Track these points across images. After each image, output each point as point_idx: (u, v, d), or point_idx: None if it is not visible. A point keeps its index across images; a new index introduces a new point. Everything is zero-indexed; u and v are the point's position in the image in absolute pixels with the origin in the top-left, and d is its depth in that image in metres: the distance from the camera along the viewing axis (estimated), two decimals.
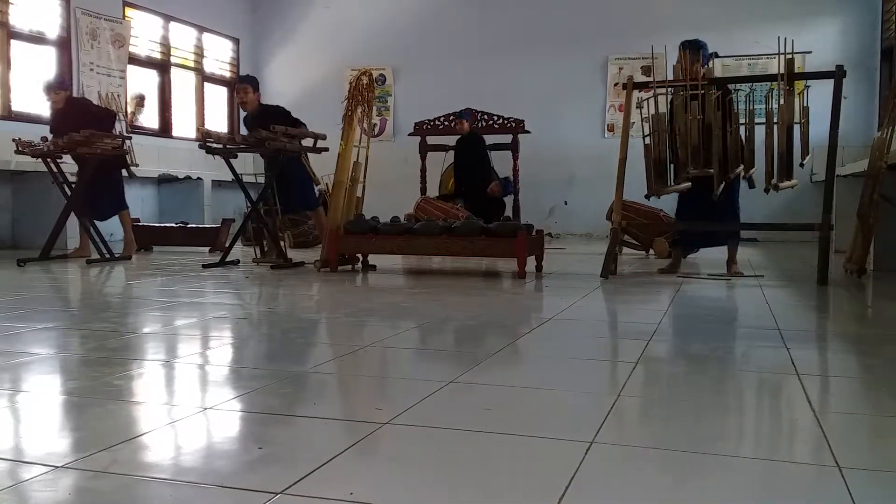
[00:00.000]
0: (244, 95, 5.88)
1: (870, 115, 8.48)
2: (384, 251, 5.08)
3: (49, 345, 2.56)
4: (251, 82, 5.97)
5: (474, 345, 2.67)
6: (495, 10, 9.67)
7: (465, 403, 1.82)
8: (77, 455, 1.40)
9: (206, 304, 3.62)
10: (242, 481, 1.29)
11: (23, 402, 1.82)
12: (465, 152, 8.24)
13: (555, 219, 9.50)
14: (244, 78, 6.07)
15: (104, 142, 5.65)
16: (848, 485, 1.27)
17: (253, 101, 5.91)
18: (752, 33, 8.48)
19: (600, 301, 3.78)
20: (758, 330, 2.90)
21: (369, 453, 1.46)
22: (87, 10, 8.07)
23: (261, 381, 2.02)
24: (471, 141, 8.23)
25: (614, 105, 9.32)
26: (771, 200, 5.93)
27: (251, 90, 5.89)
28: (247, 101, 5.88)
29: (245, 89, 5.88)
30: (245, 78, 6.08)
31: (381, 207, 6.73)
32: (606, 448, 1.47)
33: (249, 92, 5.88)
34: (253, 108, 5.91)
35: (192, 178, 8.73)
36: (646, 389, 2.02)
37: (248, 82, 5.96)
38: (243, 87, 5.91)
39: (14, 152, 5.71)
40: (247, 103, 5.90)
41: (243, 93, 5.88)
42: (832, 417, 1.72)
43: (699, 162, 4.52)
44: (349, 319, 3.17)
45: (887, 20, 8.21)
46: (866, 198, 4.63)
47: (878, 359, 2.40)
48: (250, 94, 5.88)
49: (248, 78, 6.06)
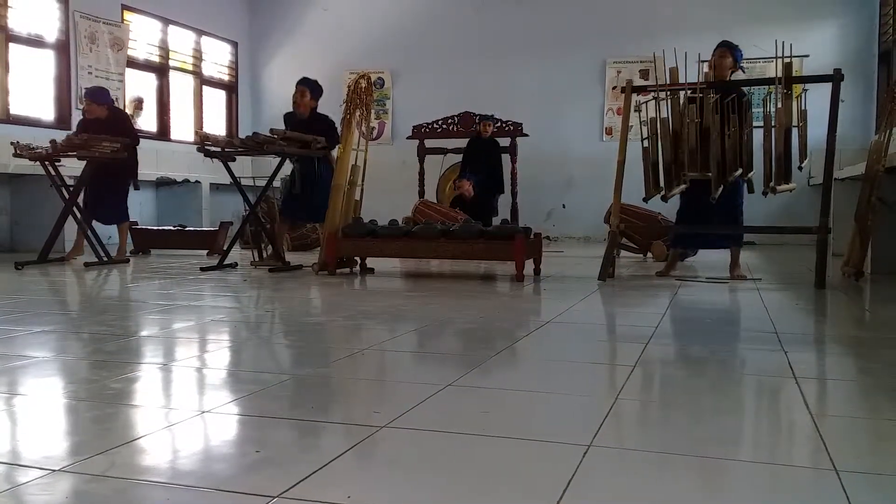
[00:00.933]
0: (301, 97, 5.77)
1: (867, 119, 8.50)
2: (382, 254, 5.08)
3: (47, 348, 2.55)
4: (310, 86, 5.83)
5: (472, 348, 2.66)
6: (493, 13, 9.68)
7: (462, 407, 1.82)
8: (74, 458, 1.40)
9: (204, 307, 3.61)
10: (240, 485, 1.28)
11: (20, 406, 1.82)
12: (484, 155, 8.30)
13: (553, 222, 9.51)
14: (306, 80, 5.91)
15: (102, 146, 5.65)
16: (845, 488, 1.27)
17: (308, 104, 5.78)
18: (750, 37, 8.47)
19: (598, 304, 3.78)
20: (755, 333, 2.90)
21: (367, 457, 1.46)
22: (85, 14, 8.08)
23: (258, 384, 2.01)
24: (492, 145, 8.38)
25: (612, 108, 9.34)
26: (769, 204, 5.94)
27: (308, 93, 5.77)
28: (301, 103, 5.77)
29: (303, 91, 5.78)
30: (307, 81, 5.92)
31: (379, 210, 6.74)
32: (604, 451, 1.47)
33: (307, 95, 5.77)
34: (304, 111, 5.78)
35: (191, 181, 8.73)
36: (643, 393, 2.02)
37: (308, 86, 5.83)
38: (302, 88, 5.80)
39: (12, 155, 5.71)
40: (300, 105, 5.78)
41: (300, 94, 5.78)
42: (830, 421, 1.73)
43: (697, 165, 4.52)
44: (347, 322, 3.17)
45: (884, 24, 8.23)
46: (864, 201, 4.63)
47: (875, 362, 2.40)
48: (307, 98, 5.77)
49: (310, 82, 5.91)
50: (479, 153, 8.35)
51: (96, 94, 6.37)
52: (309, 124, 5.59)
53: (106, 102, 6.33)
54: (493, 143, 8.43)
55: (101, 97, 6.34)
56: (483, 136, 8.36)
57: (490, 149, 8.39)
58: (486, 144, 8.38)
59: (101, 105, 6.24)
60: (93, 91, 6.46)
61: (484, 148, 8.36)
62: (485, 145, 8.37)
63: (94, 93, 6.38)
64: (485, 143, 8.37)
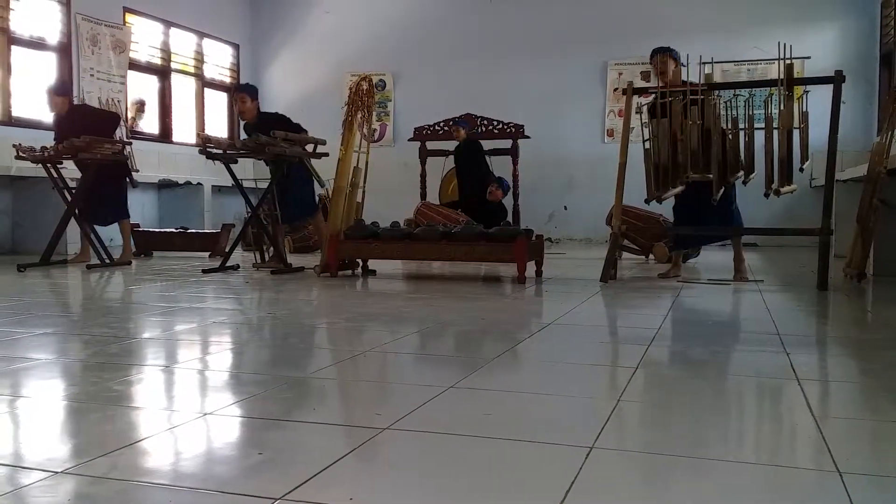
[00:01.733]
0: (242, 105, 5.74)
1: (869, 120, 8.50)
2: (384, 256, 5.08)
3: (49, 350, 2.56)
4: (248, 91, 5.82)
5: (474, 350, 2.67)
6: (495, 15, 9.69)
7: (464, 409, 1.82)
8: (77, 460, 1.40)
9: (206, 309, 3.62)
10: (242, 487, 1.28)
11: (22, 408, 1.82)
12: (463, 160, 8.30)
13: (554, 224, 9.51)
14: (241, 87, 5.94)
15: (104, 147, 5.66)
16: (848, 490, 1.27)
17: (251, 109, 5.76)
18: (752, 39, 8.50)
19: (600, 306, 3.78)
20: (757, 335, 2.90)
21: (369, 458, 1.46)
22: (87, 16, 8.09)
23: (260, 386, 2.02)
24: (467, 148, 8.28)
25: (614, 110, 9.34)
26: (771, 205, 5.92)
27: (248, 99, 5.75)
28: (245, 109, 5.75)
29: (242, 98, 5.75)
30: (242, 87, 5.92)
31: (381, 212, 6.74)
32: (606, 453, 1.47)
33: (247, 101, 5.74)
34: (252, 117, 5.76)
35: (193, 183, 8.74)
36: (646, 394, 2.01)
37: (245, 91, 5.81)
38: (240, 95, 5.77)
39: (14, 157, 5.72)
40: (245, 112, 5.76)
41: (241, 102, 5.75)
42: (832, 422, 1.72)
43: (698, 166, 4.52)
44: (349, 324, 3.17)
45: (886, 25, 8.23)
46: (866, 202, 4.63)
47: (878, 363, 2.40)
48: (248, 103, 5.74)
49: (245, 87, 5.92)
50: (458, 159, 8.36)
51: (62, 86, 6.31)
52: (264, 127, 5.46)
53: (66, 94, 6.23)
54: (469, 144, 8.29)
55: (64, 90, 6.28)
56: (459, 141, 8.31)
57: (468, 150, 8.27)
58: (464, 148, 8.29)
59: (62, 97, 6.11)
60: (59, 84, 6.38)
61: (464, 152, 8.29)
62: (464, 149, 8.29)
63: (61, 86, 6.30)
64: (464, 147, 8.30)
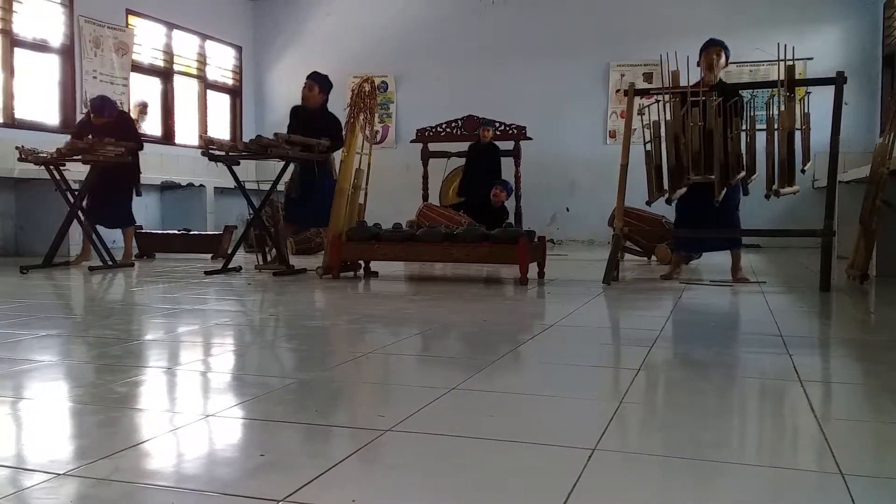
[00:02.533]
0: (309, 91, 5.86)
1: (871, 121, 8.49)
2: (386, 258, 5.08)
3: (52, 352, 2.56)
4: (318, 81, 5.91)
5: (476, 351, 2.66)
6: (497, 17, 9.69)
7: (467, 410, 1.82)
8: (79, 462, 1.40)
9: (209, 310, 3.62)
10: (244, 488, 1.29)
11: (25, 410, 1.83)
12: (485, 160, 8.35)
13: (557, 225, 9.51)
14: (315, 74, 6.01)
15: (107, 149, 5.66)
16: (851, 492, 1.27)
17: (316, 98, 5.86)
18: (753, 40, 8.49)
19: (602, 307, 3.78)
20: (760, 336, 2.90)
21: (371, 460, 1.46)
22: (90, 18, 8.10)
23: (263, 387, 2.02)
24: (492, 150, 8.40)
25: (616, 111, 9.34)
26: (773, 207, 5.93)
27: (317, 88, 5.85)
28: (308, 96, 5.87)
29: (310, 85, 5.87)
30: (315, 75, 6.00)
31: (383, 214, 6.74)
32: (609, 455, 1.47)
33: (315, 88, 5.85)
34: (314, 105, 5.86)
35: (195, 185, 8.75)
36: (648, 396, 2.01)
37: (316, 80, 5.91)
38: (310, 82, 5.89)
39: (17, 160, 5.73)
40: (308, 98, 5.88)
41: (308, 88, 5.87)
42: (835, 424, 1.72)
43: (700, 168, 4.52)
44: (351, 326, 3.17)
45: (888, 26, 8.22)
46: (868, 203, 4.63)
47: (881, 365, 2.39)
48: (315, 91, 5.85)
49: (318, 77, 5.98)
50: (480, 158, 8.40)
51: (100, 108, 6.22)
52: (316, 119, 5.63)
53: (111, 115, 6.26)
54: (493, 147, 8.48)
55: (105, 110, 6.24)
56: (483, 142, 8.40)
57: (491, 153, 8.44)
58: (487, 149, 8.42)
59: (105, 117, 6.19)
60: (97, 106, 6.25)
61: (485, 153, 8.40)
62: (485, 150, 8.41)
63: (99, 107, 6.23)
64: (485, 148, 8.41)
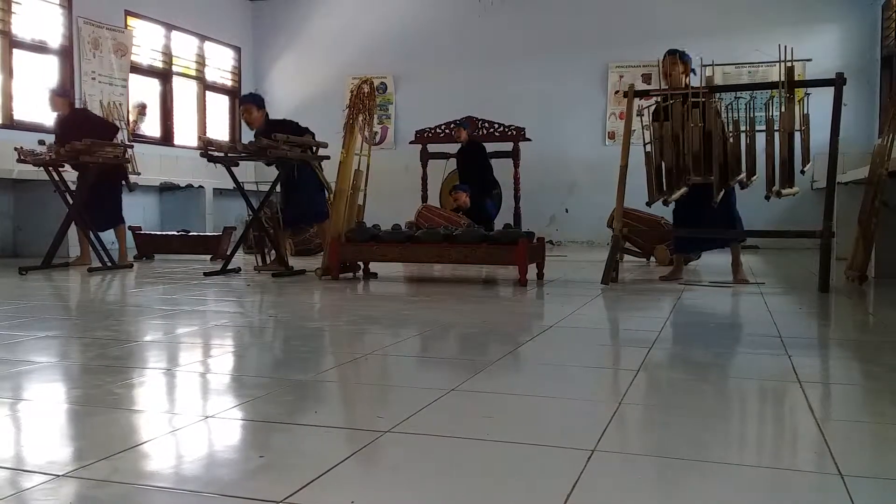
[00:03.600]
0: (248, 115, 5.81)
1: (870, 123, 8.50)
2: (385, 259, 5.08)
3: (51, 353, 2.56)
4: (253, 100, 5.86)
5: (476, 353, 2.66)
6: (496, 18, 9.69)
7: (466, 411, 1.82)
8: (78, 464, 1.40)
9: (208, 312, 3.62)
10: (243, 490, 1.28)
11: (24, 411, 1.82)
12: (465, 161, 8.33)
13: (556, 226, 9.51)
14: (245, 98, 5.97)
15: (105, 150, 5.66)
16: (850, 493, 1.27)
17: (258, 118, 5.81)
18: (753, 41, 8.50)
19: (601, 309, 3.78)
20: (759, 337, 2.90)
21: (371, 462, 1.46)
22: (89, 20, 8.10)
23: (262, 389, 2.02)
24: (469, 150, 8.32)
25: (615, 113, 9.34)
26: (772, 208, 5.93)
27: (254, 108, 5.80)
28: (251, 120, 5.81)
29: (248, 108, 5.81)
30: (246, 98, 5.95)
31: (382, 215, 6.74)
32: (608, 456, 1.47)
33: (253, 111, 5.80)
34: (260, 126, 5.80)
35: (194, 186, 8.75)
36: (647, 397, 2.01)
37: (251, 101, 5.86)
38: (246, 106, 5.83)
39: (16, 161, 5.73)
40: (252, 122, 5.82)
41: (246, 112, 5.81)
42: (834, 425, 1.72)
43: (700, 169, 4.52)
44: (350, 327, 3.17)
45: (887, 28, 8.23)
46: (867, 205, 4.63)
47: (880, 366, 2.39)
48: (254, 113, 5.80)
49: (250, 97, 5.95)
50: (460, 161, 8.41)
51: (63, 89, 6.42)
52: (269, 134, 5.42)
53: (66, 96, 6.32)
54: (472, 147, 8.34)
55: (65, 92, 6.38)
56: (461, 143, 8.35)
57: (471, 153, 8.31)
58: (467, 150, 8.34)
59: (62, 98, 6.20)
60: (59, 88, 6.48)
61: (466, 154, 8.34)
62: (465, 151, 8.34)
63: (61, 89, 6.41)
64: (465, 150, 8.35)
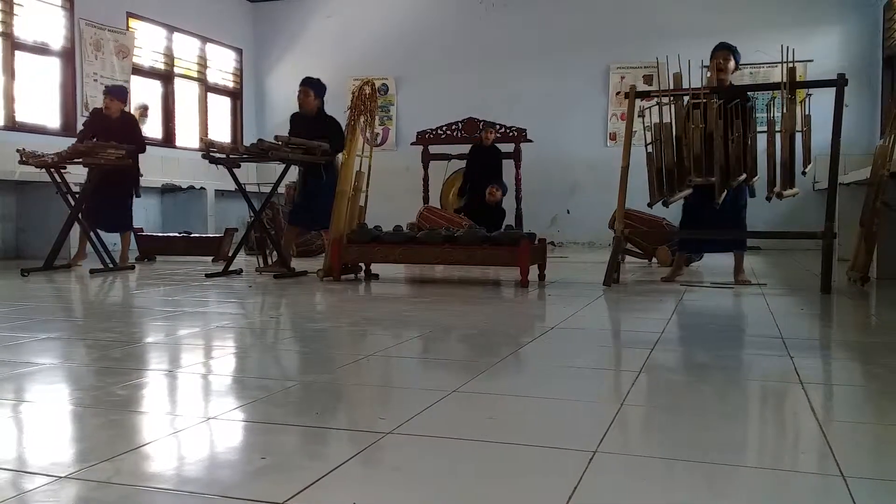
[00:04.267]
0: (305, 97, 5.91)
1: (872, 124, 8.49)
2: (387, 260, 5.08)
3: (52, 355, 2.56)
4: (313, 86, 5.95)
5: (477, 354, 2.66)
6: (497, 19, 9.69)
7: (468, 413, 1.82)
8: (80, 465, 1.40)
9: (210, 313, 3.62)
10: (245, 491, 1.29)
11: (26, 412, 1.83)
12: (487, 162, 8.37)
13: (557, 227, 9.50)
14: (308, 80, 6.07)
15: (108, 152, 5.67)
16: (852, 494, 1.27)
17: (312, 104, 5.90)
18: (754, 42, 8.48)
19: (603, 310, 3.78)
20: (761, 338, 2.89)
21: (372, 463, 1.46)
22: (91, 21, 8.11)
23: (264, 390, 2.02)
24: (493, 152, 8.42)
25: (616, 114, 9.34)
26: (773, 209, 5.93)
27: (312, 94, 5.90)
28: (304, 102, 5.91)
29: (305, 91, 5.91)
30: (309, 80, 6.05)
31: (383, 216, 6.73)
32: (610, 457, 1.47)
33: (310, 95, 5.89)
34: (311, 110, 5.91)
35: (196, 187, 8.75)
36: (649, 398, 2.01)
37: (310, 86, 5.95)
38: (305, 88, 5.93)
39: (18, 162, 5.73)
40: (304, 104, 5.92)
41: (303, 94, 5.91)
42: (836, 426, 1.72)
43: (702, 170, 4.52)
44: (352, 328, 3.17)
45: (888, 28, 8.22)
46: (869, 206, 4.62)
47: (882, 367, 2.39)
48: (310, 97, 5.89)
49: (312, 81, 6.03)
50: (482, 160, 8.42)
51: (119, 90, 6.62)
52: (315, 123, 5.67)
53: (123, 100, 6.60)
54: (494, 150, 8.48)
55: (122, 93, 6.62)
56: (485, 144, 8.41)
57: (492, 155, 8.45)
58: (489, 151, 8.43)
59: (120, 101, 6.49)
60: (116, 88, 6.66)
61: (487, 155, 8.41)
62: (487, 152, 8.42)
63: (117, 90, 6.61)
64: (487, 151, 8.43)
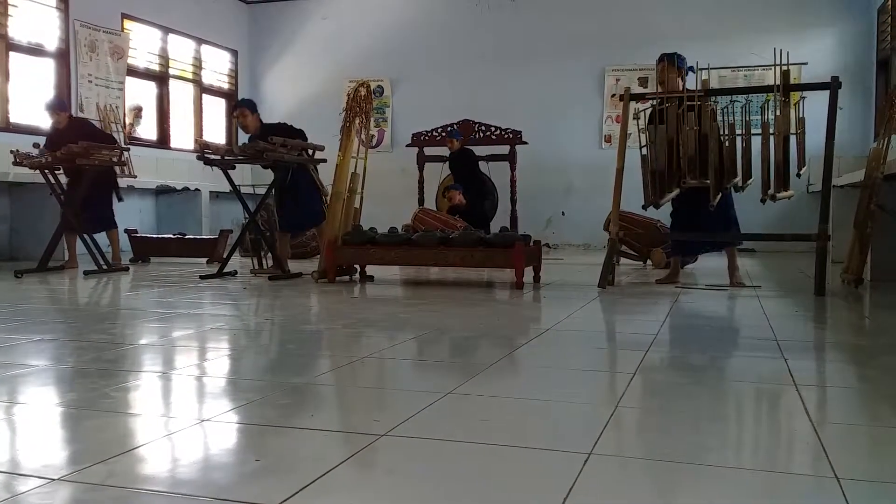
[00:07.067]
0: (243, 119, 5.84)
1: (866, 126, 8.52)
2: (382, 262, 5.08)
3: (46, 356, 2.55)
4: (247, 105, 5.90)
5: (472, 356, 2.66)
6: (493, 21, 9.70)
7: (462, 415, 1.82)
8: (74, 467, 1.40)
9: (204, 315, 3.61)
10: (239, 493, 1.28)
11: (19, 415, 1.82)
12: (455, 169, 8.42)
13: (552, 229, 9.51)
14: (240, 102, 6.02)
15: (102, 153, 5.66)
16: (846, 496, 1.27)
17: (253, 122, 5.83)
18: (749, 44, 8.51)
19: (598, 312, 3.78)
20: (755, 340, 2.90)
21: (367, 465, 1.46)
22: (85, 23, 8.10)
23: (258, 392, 2.01)
24: (459, 158, 8.44)
25: (611, 116, 9.35)
26: (768, 211, 5.94)
27: (248, 113, 5.83)
28: (246, 123, 5.83)
29: (243, 113, 5.84)
30: (241, 102, 6.00)
31: (378, 218, 6.72)
32: (604, 459, 1.47)
33: (248, 115, 5.83)
34: (255, 130, 5.82)
35: (190, 189, 8.74)
36: (643, 400, 2.01)
37: (245, 105, 5.90)
38: (241, 110, 5.87)
39: (12, 164, 5.72)
40: (247, 126, 5.84)
41: (241, 116, 5.84)
42: (830, 428, 1.72)
43: (695, 172, 4.53)
44: (346, 330, 3.17)
45: (882, 31, 8.25)
46: (863, 208, 4.64)
47: (875, 369, 2.40)
48: (249, 117, 5.83)
49: (244, 101, 5.99)
50: (452, 168, 8.49)
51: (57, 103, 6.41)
52: (264, 138, 5.45)
53: (65, 109, 6.39)
54: (459, 155, 8.42)
55: (61, 104, 6.41)
56: (452, 151, 8.41)
57: (461, 161, 8.40)
58: (457, 158, 8.42)
59: (64, 111, 6.30)
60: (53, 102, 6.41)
61: (456, 161, 8.43)
62: (456, 159, 8.43)
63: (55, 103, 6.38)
64: (456, 157, 8.43)
